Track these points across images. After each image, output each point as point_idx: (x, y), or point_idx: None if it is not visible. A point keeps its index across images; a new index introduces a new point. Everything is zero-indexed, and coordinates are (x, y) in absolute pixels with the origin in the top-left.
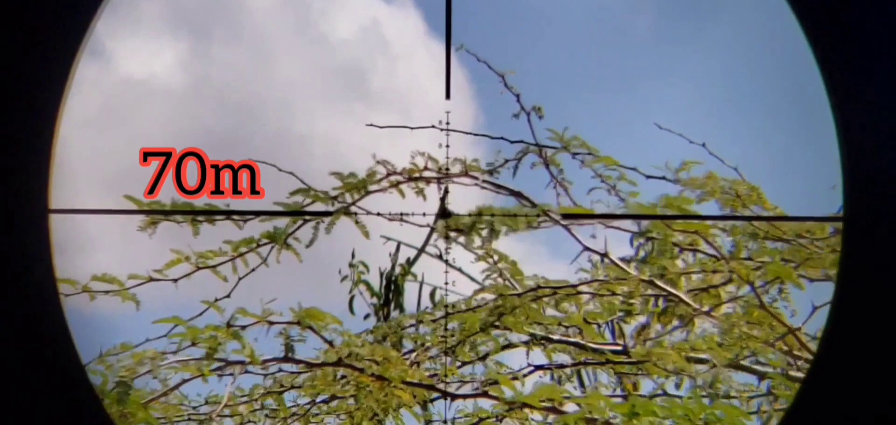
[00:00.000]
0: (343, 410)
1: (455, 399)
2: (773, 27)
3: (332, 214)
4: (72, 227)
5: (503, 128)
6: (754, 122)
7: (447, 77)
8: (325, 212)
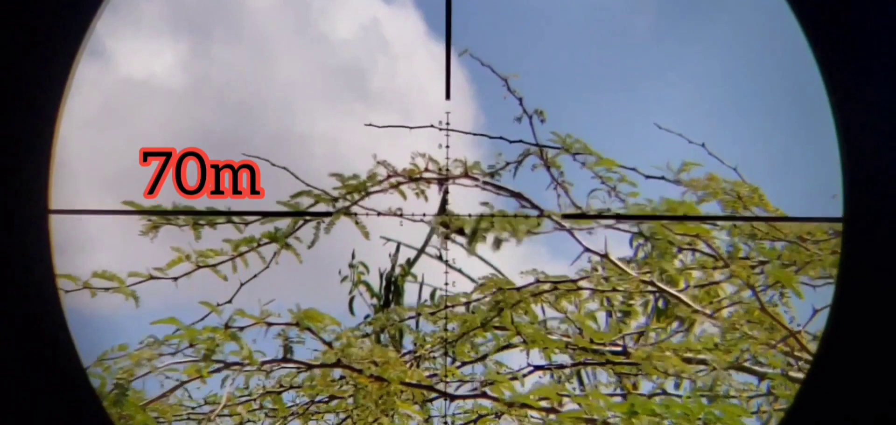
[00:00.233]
0: (342, 410)
1: (454, 399)
2: (773, 27)
3: (332, 215)
4: (72, 227)
5: (504, 129)
6: (754, 122)
7: (447, 77)
8: (326, 213)
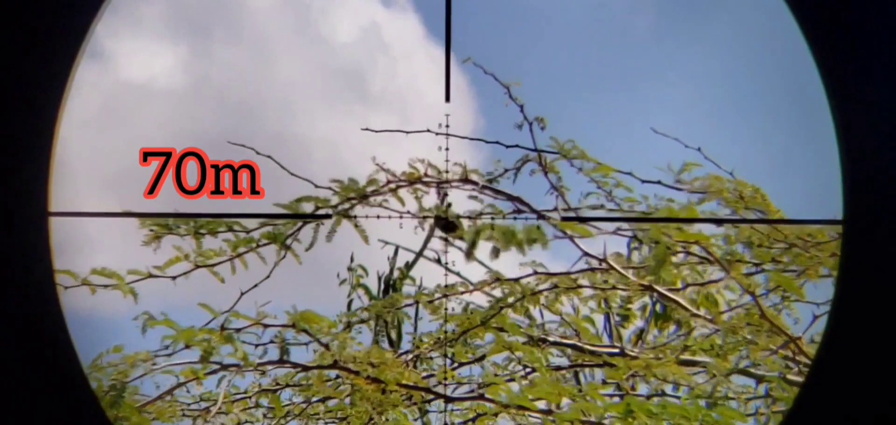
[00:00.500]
0: (339, 410)
1: (452, 401)
2: (773, 27)
3: (330, 216)
4: (71, 228)
5: (503, 131)
6: (754, 122)
7: (447, 79)
8: (325, 216)
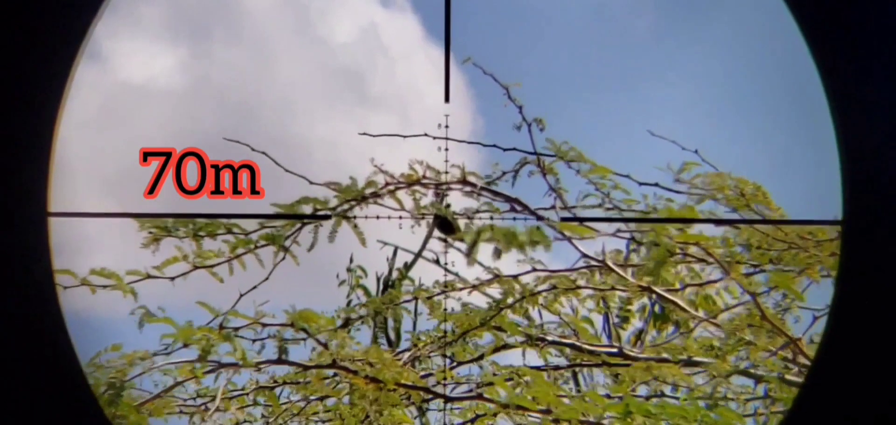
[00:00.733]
0: (336, 410)
1: (451, 401)
2: (773, 27)
3: (329, 217)
4: (71, 228)
5: (503, 131)
6: (754, 122)
7: (446, 80)
8: (324, 216)
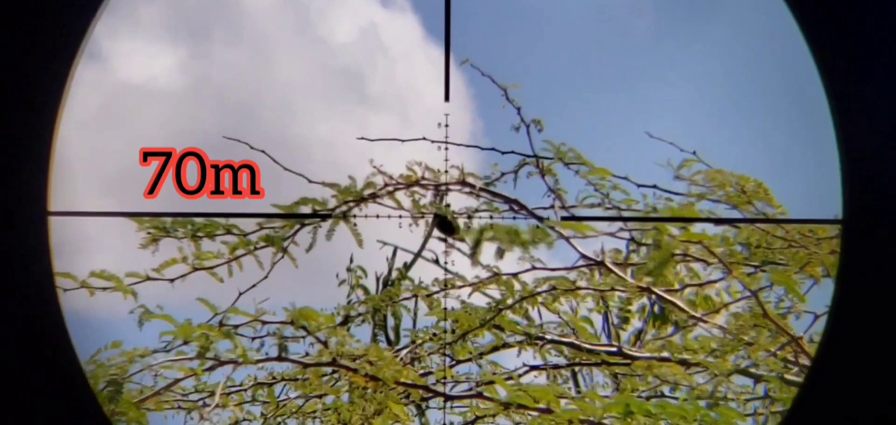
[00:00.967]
0: (335, 408)
1: (450, 400)
2: (773, 27)
3: (328, 218)
4: (71, 228)
5: (502, 131)
6: (754, 122)
7: (446, 79)
8: (324, 216)
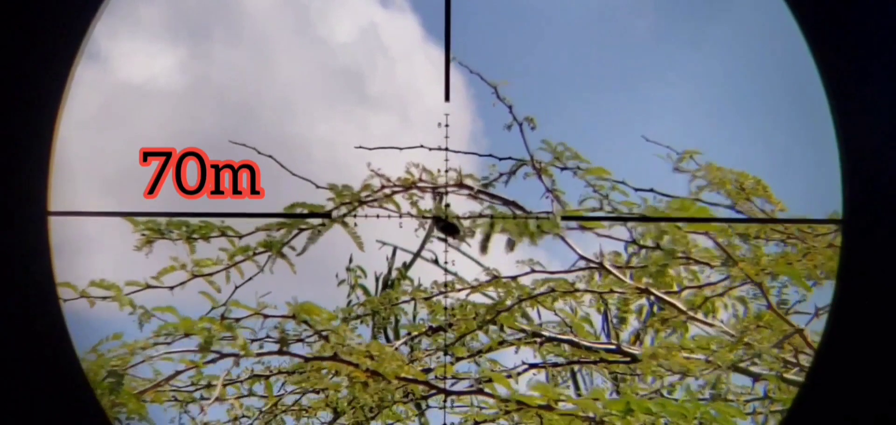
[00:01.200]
0: (334, 403)
1: (451, 396)
2: (773, 27)
3: (327, 219)
4: (71, 228)
5: (502, 132)
6: (754, 122)
7: (446, 80)
8: (323, 216)
